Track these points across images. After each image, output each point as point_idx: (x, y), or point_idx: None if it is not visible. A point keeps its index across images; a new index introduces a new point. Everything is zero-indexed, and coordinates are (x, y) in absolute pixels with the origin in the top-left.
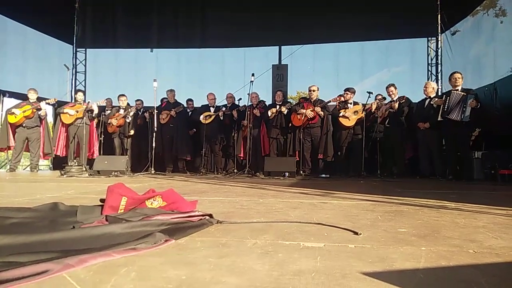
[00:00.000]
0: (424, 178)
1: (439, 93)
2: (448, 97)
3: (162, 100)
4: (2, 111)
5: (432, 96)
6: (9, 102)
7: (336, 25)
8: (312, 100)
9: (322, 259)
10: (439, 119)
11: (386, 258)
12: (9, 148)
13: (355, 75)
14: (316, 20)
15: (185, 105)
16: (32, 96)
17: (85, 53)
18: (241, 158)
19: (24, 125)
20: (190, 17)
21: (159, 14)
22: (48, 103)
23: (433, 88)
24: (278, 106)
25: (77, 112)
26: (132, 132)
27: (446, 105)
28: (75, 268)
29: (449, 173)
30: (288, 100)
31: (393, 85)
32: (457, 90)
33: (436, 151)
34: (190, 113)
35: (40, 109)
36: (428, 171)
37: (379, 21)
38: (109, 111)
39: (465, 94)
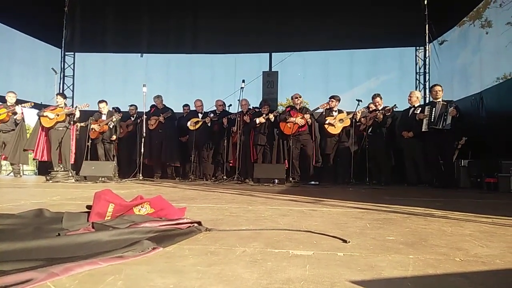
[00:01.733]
0: (411, 186)
1: (425, 102)
2: (434, 108)
3: (151, 106)
4: None
5: (416, 105)
6: None
7: (326, 33)
8: (298, 108)
9: (311, 267)
10: (424, 129)
11: (375, 266)
12: None
13: (344, 83)
14: (306, 28)
15: (181, 110)
16: (11, 99)
17: (74, 57)
18: (231, 165)
19: None
20: (181, 22)
21: (149, 19)
22: (24, 107)
23: (418, 97)
24: (264, 115)
25: (58, 115)
26: (114, 137)
27: (433, 116)
28: (60, 277)
29: (436, 181)
30: (279, 107)
31: (378, 95)
32: (439, 101)
33: (420, 160)
34: (178, 118)
35: (15, 113)
36: (415, 179)
37: (368, 30)
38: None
39: (445, 103)
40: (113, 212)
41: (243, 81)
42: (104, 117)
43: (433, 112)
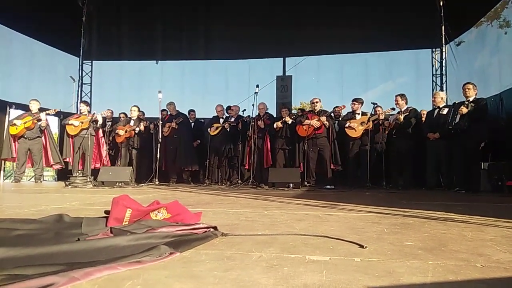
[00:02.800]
0: (430, 190)
1: (447, 104)
2: (453, 109)
3: (162, 112)
4: (8, 122)
5: (441, 106)
6: (16, 113)
7: (340, 37)
8: (315, 111)
9: (328, 273)
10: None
11: (393, 272)
12: (13, 159)
13: (359, 86)
14: (320, 32)
15: (187, 116)
16: (34, 107)
17: (91, 65)
18: (246, 168)
19: (25, 136)
20: (195, 29)
21: (163, 26)
22: (49, 114)
23: (442, 98)
24: (283, 118)
25: (82, 123)
26: (142, 127)
27: (450, 117)
28: (80, 281)
29: (456, 185)
30: (293, 111)
31: (399, 95)
32: (469, 100)
33: (445, 162)
34: (192, 123)
35: (40, 120)
36: (434, 183)
37: (383, 32)
38: (109, 123)
39: (460, 102)
40: (131, 217)
41: (257, 86)
42: (132, 123)
43: (451, 113)
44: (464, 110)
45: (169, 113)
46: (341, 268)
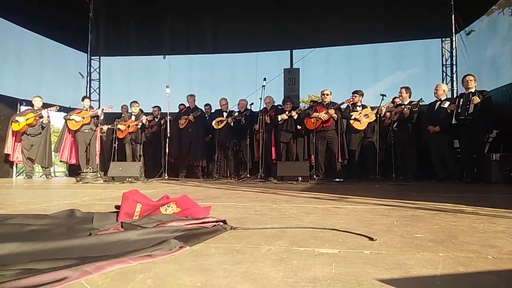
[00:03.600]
0: (440, 182)
1: (455, 95)
2: (461, 99)
3: (180, 106)
4: (11, 118)
5: (442, 99)
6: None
7: (348, 28)
8: (325, 104)
9: (337, 266)
10: (454, 122)
11: (403, 265)
12: (8, 156)
13: (368, 78)
14: (328, 24)
15: (204, 110)
16: (37, 104)
17: (99, 61)
18: (255, 160)
19: (27, 132)
20: (201, 23)
21: (170, 21)
22: (51, 110)
23: (444, 90)
24: (287, 112)
25: (83, 118)
26: (144, 120)
27: (460, 108)
28: (93, 275)
29: (466, 176)
30: (301, 103)
31: (404, 88)
32: (471, 92)
33: (448, 154)
34: (207, 117)
35: (42, 117)
36: (444, 174)
37: (392, 23)
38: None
39: (471, 92)
40: (141, 211)
41: (265, 79)
42: (133, 118)
43: (460, 103)
44: (477, 99)
45: (187, 105)
46: (350, 261)
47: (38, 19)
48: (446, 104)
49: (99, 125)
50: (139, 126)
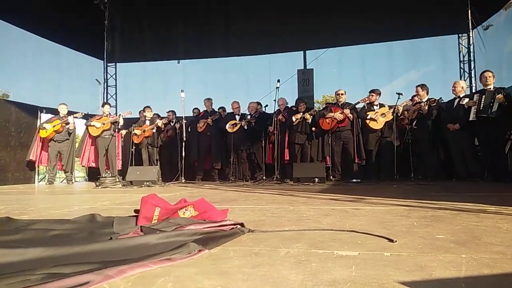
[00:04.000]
0: (460, 181)
1: (471, 91)
2: (483, 96)
3: (194, 110)
4: (39, 126)
5: (461, 96)
6: (46, 117)
7: (362, 27)
8: (340, 104)
9: (357, 268)
10: (471, 118)
11: (425, 267)
12: (34, 162)
13: (383, 76)
14: (341, 23)
15: (221, 114)
16: (63, 111)
17: (115, 68)
18: (268, 163)
19: (54, 139)
20: (214, 27)
21: (184, 27)
22: (76, 117)
23: (462, 87)
24: (301, 113)
25: (104, 124)
26: (160, 123)
27: (482, 104)
28: (115, 279)
29: (488, 175)
30: (315, 104)
31: (420, 85)
32: (490, 88)
33: (468, 152)
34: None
35: (68, 123)
36: (464, 173)
37: (406, 20)
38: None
39: (495, 89)
40: (159, 215)
41: (278, 80)
42: (148, 123)
43: (482, 100)
44: (501, 98)
45: (204, 109)
46: (370, 263)
47: (55, 28)
48: (465, 101)
49: (117, 130)
50: (154, 130)
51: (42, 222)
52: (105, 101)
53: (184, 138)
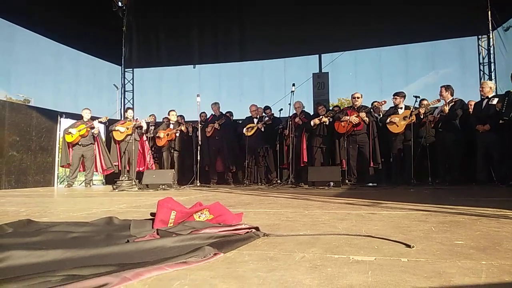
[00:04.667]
0: (481, 185)
1: (496, 93)
2: (506, 98)
3: (201, 114)
4: (60, 131)
5: (490, 96)
6: (65, 122)
7: (377, 30)
8: (355, 107)
9: (373, 274)
10: (501, 121)
11: (443, 273)
12: (68, 165)
13: (399, 79)
14: (356, 26)
15: (230, 118)
16: (86, 116)
17: (133, 73)
18: (283, 167)
19: (80, 143)
20: (229, 32)
21: (199, 32)
22: (101, 122)
23: (491, 87)
24: (320, 117)
25: (127, 129)
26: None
27: (505, 106)
28: (132, 281)
29: (510, 179)
30: (331, 108)
31: (444, 86)
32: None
33: (497, 155)
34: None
35: (93, 128)
36: (485, 177)
37: (423, 22)
38: (152, 127)
39: None
40: (175, 219)
41: (293, 84)
42: (172, 126)
43: (505, 102)
44: None
45: (212, 113)
46: (387, 269)
47: (75, 35)
48: (495, 101)
49: (141, 134)
50: (177, 134)
51: (61, 224)
52: (123, 105)
53: (200, 142)
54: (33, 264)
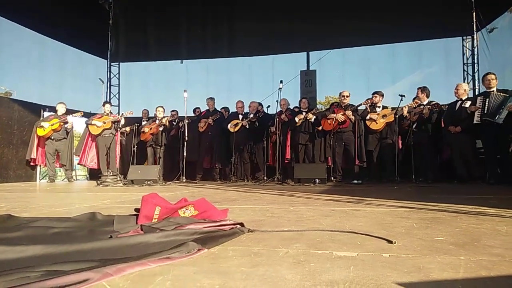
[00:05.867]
0: (462, 183)
1: (474, 94)
2: (487, 99)
3: (195, 110)
4: (35, 124)
5: (463, 99)
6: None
7: (365, 28)
8: (342, 105)
9: (355, 269)
10: (475, 121)
11: (423, 268)
12: (33, 160)
13: (386, 78)
14: (345, 24)
15: (223, 114)
16: (61, 110)
17: (119, 67)
18: (269, 164)
19: (52, 137)
20: (218, 28)
21: (187, 27)
22: (75, 116)
23: (465, 90)
24: (304, 113)
25: (104, 123)
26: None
27: (487, 107)
28: (114, 277)
29: (490, 177)
30: (317, 105)
31: (420, 88)
32: (493, 91)
33: (470, 155)
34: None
35: (66, 122)
36: (465, 175)
37: (411, 21)
38: (145, 122)
39: (506, 96)
40: (160, 214)
41: (281, 81)
42: (157, 122)
43: (487, 103)
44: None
45: (206, 108)
46: (368, 264)
47: (60, 27)
48: (467, 104)
49: (118, 129)
50: (161, 128)
51: (42, 219)
52: (107, 100)
53: (186, 138)
54: (12, 260)
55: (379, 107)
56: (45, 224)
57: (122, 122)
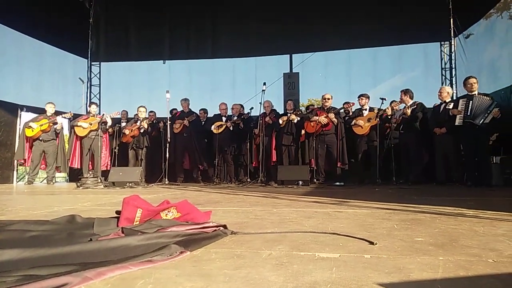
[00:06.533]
0: (441, 185)
1: (454, 98)
2: (470, 101)
3: (171, 111)
4: (20, 125)
5: (447, 101)
6: (26, 116)
7: (348, 32)
8: (325, 108)
9: (337, 270)
10: (457, 123)
11: (403, 269)
12: (24, 160)
13: (367, 81)
14: (327, 28)
15: (198, 114)
16: (50, 110)
17: (99, 67)
18: (254, 165)
19: (40, 138)
20: (201, 28)
21: (170, 27)
22: (64, 117)
23: (448, 92)
24: (289, 114)
25: (91, 124)
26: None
27: (469, 109)
28: (93, 281)
29: (467, 179)
30: (300, 108)
31: (403, 91)
32: (475, 94)
33: (453, 157)
34: (203, 122)
35: (56, 123)
36: (445, 177)
37: (391, 26)
38: (124, 123)
39: (491, 100)
40: (141, 217)
41: (264, 83)
42: (138, 123)
43: (470, 105)
44: (497, 112)
45: (181, 109)
46: (350, 265)
47: (38, 25)
48: (451, 106)
49: (105, 131)
50: (141, 131)
51: (19, 223)
52: (88, 100)
53: (169, 139)
54: None
55: (365, 109)
56: (22, 227)
57: (109, 123)
